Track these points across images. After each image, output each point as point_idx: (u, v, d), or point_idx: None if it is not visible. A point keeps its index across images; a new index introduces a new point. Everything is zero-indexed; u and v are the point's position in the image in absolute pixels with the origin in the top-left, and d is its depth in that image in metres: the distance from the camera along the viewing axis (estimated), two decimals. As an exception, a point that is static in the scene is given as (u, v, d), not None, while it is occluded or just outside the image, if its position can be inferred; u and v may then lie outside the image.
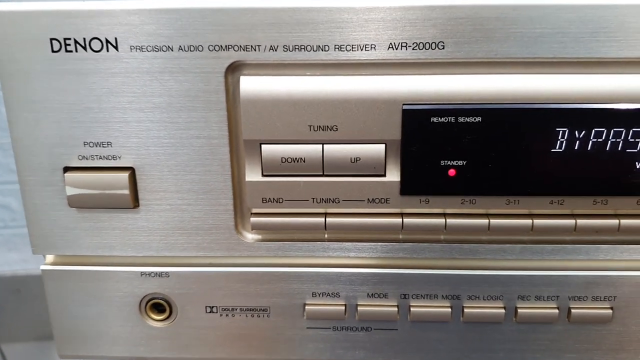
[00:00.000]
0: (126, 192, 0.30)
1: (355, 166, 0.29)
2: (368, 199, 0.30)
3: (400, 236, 0.31)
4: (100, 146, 0.30)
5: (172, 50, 0.28)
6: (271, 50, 0.28)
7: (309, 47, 0.28)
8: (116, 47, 0.28)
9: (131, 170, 0.30)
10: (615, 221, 0.30)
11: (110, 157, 0.30)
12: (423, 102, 0.28)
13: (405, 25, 0.27)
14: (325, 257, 0.32)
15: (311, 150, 0.29)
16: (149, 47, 0.28)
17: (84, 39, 0.28)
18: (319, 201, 0.30)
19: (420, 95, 0.28)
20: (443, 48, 0.27)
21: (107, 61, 0.28)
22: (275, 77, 0.28)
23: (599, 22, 0.27)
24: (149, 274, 0.32)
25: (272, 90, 0.28)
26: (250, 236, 0.32)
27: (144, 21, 0.27)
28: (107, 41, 0.28)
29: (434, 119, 0.28)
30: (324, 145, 0.29)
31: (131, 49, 0.28)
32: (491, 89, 0.28)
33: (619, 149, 0.29)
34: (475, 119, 0.28)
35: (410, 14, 0.27)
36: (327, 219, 0.30)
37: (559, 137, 0.29)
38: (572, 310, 0.32)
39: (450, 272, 0.32)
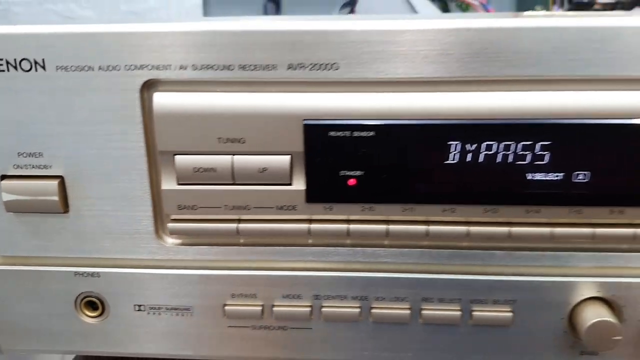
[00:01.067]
0: (56, 198, 0.33)
1: (263, 176, 0.32)
2: (277, 206, 0.32)
3: (310, 240, 0.34)
4: (32, 156, 0.32)
5: (93, 69, 0.31)
6: (181, 69, 0.30)
7: (215, 67, 0.30)
8: (44, 67, 0.31)
9: (60, 178, 0.33)
10: (505, 229, 0.32)
11: (41, 167, 0.33)
12: (321, 117, 0.30)
13: (303, 47, 0.30)
14: (242, 260, 0.34)
15: (221, 160, 0.31)
16: (72, 67, 0.31)
17: (15, 59, 0.31)
18: (231, 208, 0.32)
19: (319, 112, 0.31)
20: (337, 69, 0.30)
21: (36, 80, 0.31)
22: (187, 94, 0.31)
23: (480, 43, 0.29)
24: (82, 274, 0.35)
25: (184, 105, 0.31)
26: (170, 240, 0.34)
27: (67, 43, 0.30)
28: (36, 62, 0.31)
29: (332, 133, 0.31)
30: (234, 157, 0.31)
31: (57, 68, 0.31)
32: (383, 106, 0.30)
33: (509, 161, 0.31)
34: (368, 134, 0.30)
35: (307, 37, 0.29)
36: (239, 225, 0.33)
37: (451, 150, 0.31)
38: (474, 313, 0.34)
39: (356, 274, 0.34)
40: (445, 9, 0.71)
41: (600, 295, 0.33)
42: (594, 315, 0.32)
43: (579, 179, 0.31)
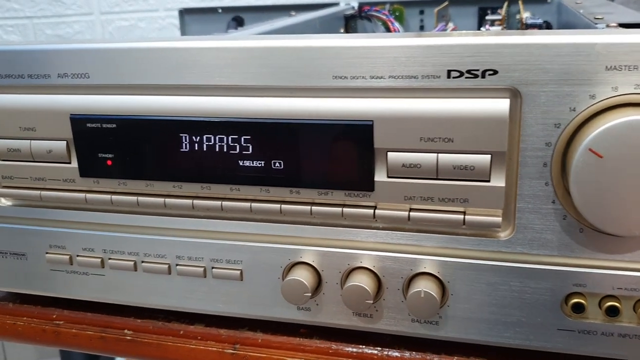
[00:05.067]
0: None
1: (51, 156, 0.43)
2: (62, 179, 0.44)
3: (89, 206, 0.45)
4: None
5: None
6: (-7, 78, 0.43)
7: (13, 76, 0.42)
8: None
9: None
10: (218, 203, 0.41)
11: None
12: (83, 112, 0.42)
13: (65, 62, 0.41)
14: (52, 220, 0.46)
15: (23, 144, 0.44)
16: None
17: None
18: (34, 179, 0.44)
19: (81, 108, 0.42)
20: (89, 77, 0.41)
21: None
22: (1, 95, 0.43)
23: (174, 57, 0.39)
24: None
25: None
26: (4, 201, 0.47)
27: None
28: None
29: (89, 125, 0.42)
30: (31, 141, 0.43)
31: None
32: (122, 105, 0.41)
33: (225, 150, 0.40)
34: (112, 125, 0.41)
35: (66, 55, 0.41)
36: (41, 192, 0.45)
37: (183, 141, 0.41)
38: (213, 270, 0.43)
39: (126, 235, 0.44)
40: (372, 25, 0.79)
41: (305, 261, 0.41)
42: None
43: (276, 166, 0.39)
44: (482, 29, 0.75)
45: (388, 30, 0.77)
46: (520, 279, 0.37)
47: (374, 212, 0.38)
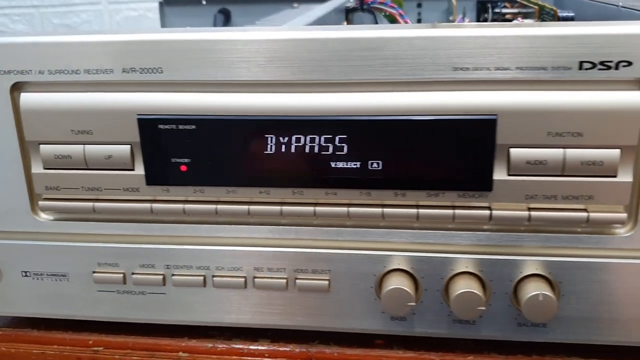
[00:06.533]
0: (-51, 180, 0.40)
1: (109, 162, 0.38)
2: (123, 188, 0.39)
3: (155, 218, 0.40)
4: None
5: (-30, 74, 0.38)
6: (39, 74, 0.37)
7: (65, 71, 0.37)
8: None
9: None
10: (311, 208, 0.38)
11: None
12: (152, 113, 0.37)
13: (132, 55, 0.36)
14: (103, 234, 0.41)
15: (75, 149, 0.38)
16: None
17: None
18: (86, 189, 0.39)
19: (150, 107, 0.37)
20: (162, 72, 0.36)
21: None
22: (46, 94, 0.37)
23: (275, 52, 0.35)
24: (-20, 244, 0.42)
25: (44, 103, 0.38)
26: (44, 216, 0.41)
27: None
28: None
29: (161, 126, 0.37)
30: (85, 146, 0.38)
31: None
32: (202, 103, 0.36)
33: (316, 151, 0.37)
34: (191, 127, 0.37)
35: (135, 47, 0.36)
36: (95, 204, 0.39)
37: (268, 142, 0.37)
38: (297, 281, 0.40)
39: (198, 247, 0.40)
40: (374, 18, 0.76)
41: (403, 268, 0.38)
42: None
43: (374, 167, 0.36)
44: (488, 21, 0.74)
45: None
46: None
47: (490, 213, 0.36)
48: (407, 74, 0.34)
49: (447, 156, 0.35)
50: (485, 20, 0.77)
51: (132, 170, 0.38)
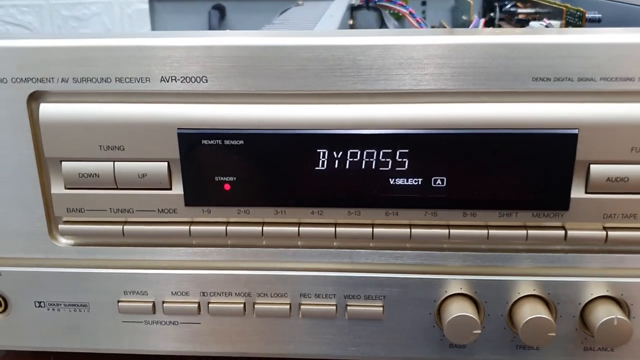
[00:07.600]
0: (-46, 202, 0.35)
1: (143, 181, 0.34)
2: (158, 209, 0.35)
3: (193, 241, 0.36)
4: None
5: (-18, 82, 0.33)
6: (63, 82, 0.33)
7: (94, 79, 0.32)
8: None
9: (-42, 183, 0.35)
10: (368, 230, 0.34)
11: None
12: (194, 127, 0.33)
13: (173, 62, 0.32)
14: (132, 260, 0.36)
15: (103, 167, 0.34)
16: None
17: None
18: (115, 211, 0.35)
19: (192, 121, 0.33)
20: (206, 82, 0.32)
21: None
22: (70, 104, 0.33)
23: (333, 59, 0.31)
24: (-15, 272, 0.37)
25: (67, 115, 0.33)
26: (64, 241, 0.36)
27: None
28: None
29: (205, 141, 0.33)
30: (115, 163, 0.34)
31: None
32: (251, 116, 0.33)
33: (373, 167, 0.33)
34: (238, 142, 0.33)
35: (176, 53, 0.32)
36: (125, 227, 0.35)
37: (320, 157, 0.33)
38: (348, 308, 0.36)
39: (238, 272, 0.36)
40: (380, 17, 0.73)
41: (465, 292, 0.36)
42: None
43: (437, 184, 0.33)
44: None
45: (402, 25, 0.72)
46: None
47: (565, 233, 0.33)
48: (481, 83, 0.31)
49: (523, 173, 0.32)
50: (492, 20, 0.75)
51: (169, 189, 0.34)
